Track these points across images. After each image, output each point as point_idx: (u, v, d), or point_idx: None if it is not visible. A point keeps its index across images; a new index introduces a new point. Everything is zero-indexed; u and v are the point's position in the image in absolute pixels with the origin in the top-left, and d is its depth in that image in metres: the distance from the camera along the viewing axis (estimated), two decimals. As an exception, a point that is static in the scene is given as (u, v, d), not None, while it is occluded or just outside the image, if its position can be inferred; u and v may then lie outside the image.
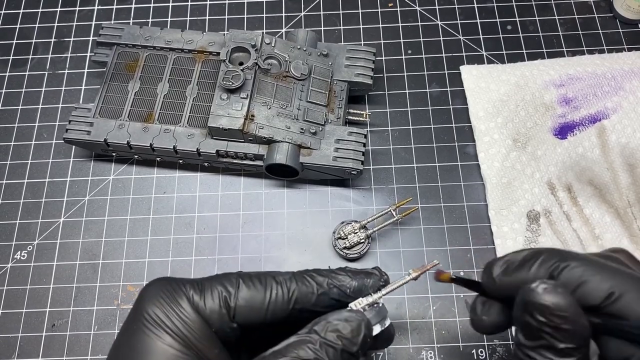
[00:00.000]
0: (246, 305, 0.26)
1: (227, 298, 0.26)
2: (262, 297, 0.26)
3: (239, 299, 0.26)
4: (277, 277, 0.27)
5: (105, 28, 0.46)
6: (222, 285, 0.27)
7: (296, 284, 0.27)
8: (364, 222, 0.41)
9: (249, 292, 0.26)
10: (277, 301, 0.27)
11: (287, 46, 0.44)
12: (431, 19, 0.51)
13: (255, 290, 0.27)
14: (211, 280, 0.27)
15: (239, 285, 0.27)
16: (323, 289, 0.27)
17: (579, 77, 0.44)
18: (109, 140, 0.42)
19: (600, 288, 0.23)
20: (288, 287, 0.27)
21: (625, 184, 0.40)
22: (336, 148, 0.41)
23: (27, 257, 0.43)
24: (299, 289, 0.27)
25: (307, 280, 0.27)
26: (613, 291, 0.22)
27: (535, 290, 0.22)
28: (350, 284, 0.28)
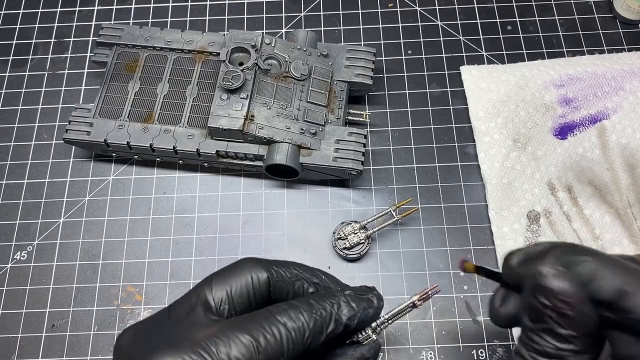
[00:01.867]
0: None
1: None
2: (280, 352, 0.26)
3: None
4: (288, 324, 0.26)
5: (105, 28, 0.46)
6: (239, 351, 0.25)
7: (308, 327, 0.27)
8: (364, 222, 0.41)
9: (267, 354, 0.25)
10: (294, 351, 0.26)
11: (287, 46, 0.44)
12: (431, 19, 0.51)
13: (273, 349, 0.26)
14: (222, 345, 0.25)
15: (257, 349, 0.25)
16: (331, 327, 0.27)
17: (579, 77, 0.44)
18: (108, 141, 0.42)
19: (612, 283, 0.23)
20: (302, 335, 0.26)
21: (626, 184, 0.40)
22: (336, 148, 0.41)
23: (27, 258, 0.43)
24: (312, 332, 0.27)
25: (318, 318, 0.27)
26: (625, 287, 0.23)
27: (544, 274, 0.23)
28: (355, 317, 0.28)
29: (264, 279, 0.28)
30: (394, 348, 0.39)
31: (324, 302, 0.28)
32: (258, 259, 0.29)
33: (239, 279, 0.28)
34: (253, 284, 0.28)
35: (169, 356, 0.24)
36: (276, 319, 0.26)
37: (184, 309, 0.28)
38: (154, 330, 0.27)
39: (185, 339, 0.25)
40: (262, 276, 0.28)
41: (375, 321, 0.30)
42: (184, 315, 0.27)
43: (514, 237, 0.42)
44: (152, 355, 0.24)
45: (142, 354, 0.25)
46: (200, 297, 0.28)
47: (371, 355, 0.29)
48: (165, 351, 0.25)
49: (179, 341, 0.25)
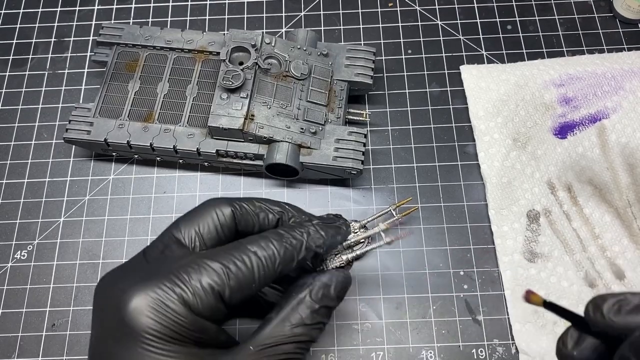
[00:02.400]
0: (238, 290, 0.26)
1: (220, 292, 0.26)
2: (251, 278, 0.27)
3: (231, 289, 0.26)
4: (258, 252, 0.27)
5: (105, 28, 0.46)
6: (210, 277, 0.26)
7: (279, 254, 0.27)
8: (364, 221, 0.41)
9: (238, 280, 0.26)
10: (265, 277, 0.27)
11: (287, 46, 0.44)
12: (431, 18, 0.51)
13: (244, 274, 0.27)
14: (194, 272, 0.26)
15: (228, 275, 0.26)
16: (302, 254, 0.28)
17: (579, 76, 0.44)
18: (109, 140, 0.42)
19: None
20: (273, 262, 0.27)
21: (625, 183, 0.40)
22: (336, 148, 0.41)
23: (27, 257, 0.43)
24: (283, 260, 0.28)
25: (288, 246, 0.28)
26: None
27: None
28: (324, 244, 0.29)
29: (228, 213, 0.30)
30: (394, 347, 0.39)
31: (293, 231, 0.29)
32: (221, 197, 0.31)
33: (205, 217, 0.30)
34: (219, 219, 0.30)
35: (143, 287, 0.25)
36: (246, 247, 0.27)
37: (158, 249, 0.29)
38: (131, 271, 0.28)
39: (158, 271, 0.26)
40: (226, 211, 0.30)
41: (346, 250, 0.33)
42: (159, 254, 0.28)
43: (514, 236, 0.42)
44: (129, 289, 0.25)
45: (119, 290, 0.26)
46: (171, 238, 0.29)
47: (334, 283, 0.29)
48: (141, 284, 0.26)
49: (152, 274, 0.26)
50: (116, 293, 0.26)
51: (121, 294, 0.25)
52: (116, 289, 0.26)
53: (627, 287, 0.40)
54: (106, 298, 0.27)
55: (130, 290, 0.25)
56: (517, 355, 0.39)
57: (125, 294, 0.25)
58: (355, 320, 0.40)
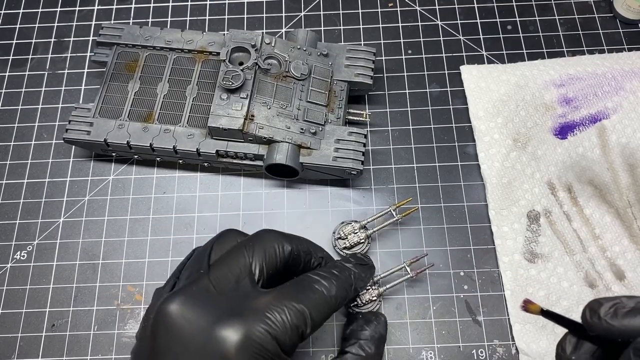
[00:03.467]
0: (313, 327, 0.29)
1: (303, 332, 0.29)
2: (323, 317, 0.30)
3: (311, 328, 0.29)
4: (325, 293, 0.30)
5: (105, 28, 0.46)
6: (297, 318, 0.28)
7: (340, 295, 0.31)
8: (364, 222, 0.41)
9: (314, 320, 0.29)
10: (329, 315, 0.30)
11: (287, 46, 0.44)
12: (431, 19, 0.51)
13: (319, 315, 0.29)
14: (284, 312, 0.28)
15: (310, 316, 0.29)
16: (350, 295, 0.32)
17: (579, 77, 0.44)
18: (108, 140, 0.42)
19: None
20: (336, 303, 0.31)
21: (626, 184, 0.40)
22: (336, 148, 0.41)
23: (27, 257, 0.43)
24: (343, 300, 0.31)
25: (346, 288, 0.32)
26: None
27: None
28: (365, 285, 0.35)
29: (288, 250, 0.32)
30: (393, 348, 0.39)
31: (344, 273, 0.32)
32: (278, 231, 0.33)
33: (271, 251, 0.31)
34: (280, 256, 0.31)
35: (241, 325, 0.27)
36: (316, 287, 0.30)
37: (228, 280, 0.30)
38: (207, 301, 0.28)
39: (247, 309, 0.28)
40: (287, 248, 0.32)
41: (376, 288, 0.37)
42: (233, 288, 0.29)
43: (514, 236, 0.42)
44: (221, 325, 0.26)
45: (206, 324, 0.27)
46: (243, 268, 0.30)
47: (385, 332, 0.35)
48: (233, 320, 0.27)
49: (242, 310, 0.27)
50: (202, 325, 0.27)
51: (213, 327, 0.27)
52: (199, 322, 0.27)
53: (627, 287, 0.39)
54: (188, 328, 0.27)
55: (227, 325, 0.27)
56: (517, 355, 0.39)
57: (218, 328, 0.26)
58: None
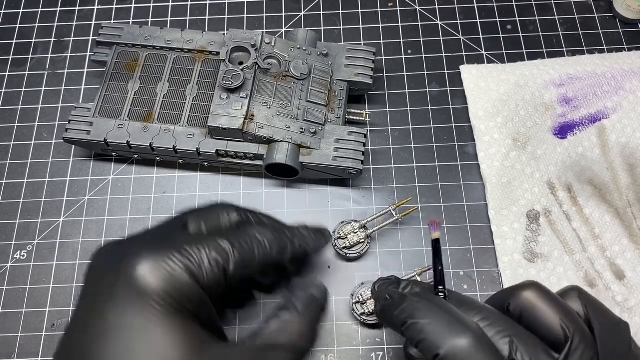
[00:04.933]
0: (241, 267, 0.28)
1: (225, 266, 0.27)
2: (253, 257, 0.28)
3: (235, 265, 0.27)
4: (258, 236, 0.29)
5: (105, 28, 0.46)
6: (217, 251, 0.27)
7: (276, 241, 0.30)
8: (363, 221, 0.41)
9: (242, 257, 0.28)
10: (264, 259, 0.29)
11: (287, 46, 0.44)
12: (431, 18, 0.51)
13: (247, 253, 0.28)
14: (203, 247, 0.27)
15: (233, 251, 0.27)
16: (295, 249, 0.31)
17: (579, 76, 0.44)
18: (108, 140, 0.42)
19: (431, 347, 0.25)
20: (271, 247, 0.30)
21: (625, 183, 0.40)
22: (336, 148, 0.41)
23: (26, 257, 0.43)
24: (279, 247, 0.30)
25: (284, 238, 0.31)
26: (438, 353, 0.24)
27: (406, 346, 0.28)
28: (313, 246, 0.33)
29: (235, 218, 0.31)
30: (393, 348, 0.39)
31: (284, 226, 0.32)
32: (229, 202, 0.33)
33: (212, 216, 0.31)
34: (224, 222, 0.31)
35: (154, 254, 0.25)
36: (247, 230, 0.30)
37: (158, 230, 0.30)
38: (137, 242, 0.28)
39: (167, 243, 0.27)
40: (233, 216, 0.31)
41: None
42: (160, 233, 0.29)
43: (514, 236, 0.42)
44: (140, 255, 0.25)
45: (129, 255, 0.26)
46: (176, 222, 0.30)
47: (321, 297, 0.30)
48: (152, 251, 0.26)
49: (161, 244, 0.26)
50: (124, 257, 0.26)
51: (131, 259, 0.25)
52: (123, 254, 0.26)
53: (627, 287, 0.40)
54: (111, 261, 0.26)
55: (141, 256, 0.25)
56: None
57: (135, 259, 0.25)
58: (355, 321, 0.40)
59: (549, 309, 0.26)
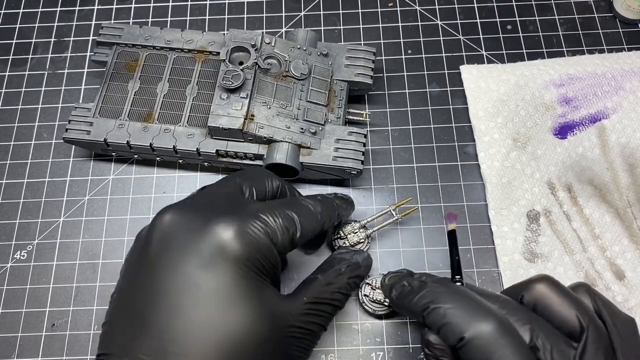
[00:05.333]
0: (303, 235, 0.31)
1: (293, 234, 0.31)
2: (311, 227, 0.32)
3: (301, 233, 0.31)
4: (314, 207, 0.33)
5: (105, 28, 0.46)
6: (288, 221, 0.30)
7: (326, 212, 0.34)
8: (363, 221, 0.41)
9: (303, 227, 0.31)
10: (315, 229, 0.33)
11: (287, 46, 0.44)
12: (431, 18, 0.51)
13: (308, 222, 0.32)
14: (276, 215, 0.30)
15: (300, 221, 0.31)
16: (335, 218, 0.35)
17: (579, 76, 0.44)
18: (108, 140, 0.42)
19: (455, 331, 0.26)
20: (322, 218, 0.33)
21: (625, 183, 0.40)
22: (336, 148, 0.41)
23: (26, 257, 0.43)
24: (328, 217, 0.34)
25: (330, 207, 0.35)
26: (463, 336, 0.25)
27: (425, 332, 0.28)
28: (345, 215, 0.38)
29: (277, 184, 0.35)
30: (393, 348, 0.39)
31: (326, 198, 0.35)
32: (270, 171, 0.36)
33: (261, 181, 0.34)
34: (270, 187, 0.34)
35: (234, 220, 0.28)
36: (303, 202, 0.33)
37: (220, 195, 0.32)
38: (200, 208, 0.30)
39: (244, 210, 0.30)
40: (276, 183, 0.35)
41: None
42: (224, 199, 0.31)
43: (514, 236, 0.42)
44: (217, 221, 0.28)
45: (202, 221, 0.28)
46: (235, 187, 0.33)
47: (364, 265, 0.35)
48: (228, 217, 0.28)
49: (239, 211, 0.29)
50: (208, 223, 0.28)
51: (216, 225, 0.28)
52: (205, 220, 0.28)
53: (627, 287, 0.39)
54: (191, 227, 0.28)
55: (227, 222, 0.28)
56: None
57: (221, 225, 0.28)
58: (355, 321, 0.40)
59: (563, 301, 0.26)
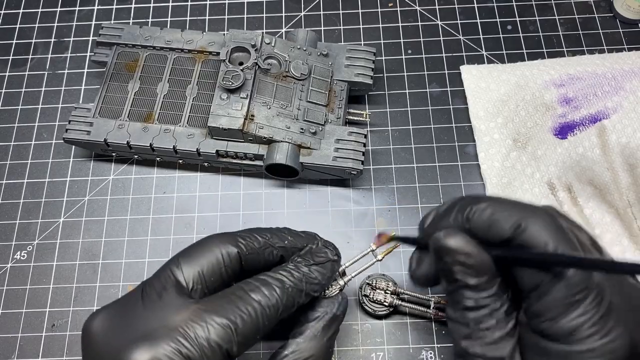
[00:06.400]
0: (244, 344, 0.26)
1: (229, 350, 0.26)
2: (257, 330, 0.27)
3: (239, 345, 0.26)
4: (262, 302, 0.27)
5: (105, 28, 0.46)
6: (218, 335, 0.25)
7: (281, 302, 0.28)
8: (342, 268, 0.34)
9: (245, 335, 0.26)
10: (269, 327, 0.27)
11: (287, 46, 0.44)
12: (431, 18, 0.51)
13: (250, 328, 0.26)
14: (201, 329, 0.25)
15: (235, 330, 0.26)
16: (302, 300, 0.29)
17: (579, 76, 0.44)
18: (108, 140, 0.42)
19: (508, 222, 0.25)
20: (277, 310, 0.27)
21: (626, 184, 0.40)
22: (336, 148, 0.41)
23: (27, 257, 0.43)
24: (285, 307, 0.28)
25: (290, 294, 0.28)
26: (520, 223, 0.24)
27: (437, 237, 0.26)
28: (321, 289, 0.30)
29: (234, 254, 0.29)
30: (394, 348, 0.39)
31: (293, 277, 0.29)
32: (224, 234, 0.30)
33: (209, 258, 0.28)
34: (224, 261, 0.28)
35: (147, 347, 0.24)
36: (251, 297, 0.27)
37: (155, 290, 0.27)
38: (127, 316, 0.27)
39: (160, 326, 0.25)
40: (232, 252, 0.29)
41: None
42: (156, 298, 0.27)
43: (514, 236, 0.42)
44: (129, 349, 0.24)
45: (118, 346, 0.25)
46: (170, 277, 0.28)
47: (341, 311, 0.31)
48: (142, 343, 0.24)
49: (154, 329, 0.25)
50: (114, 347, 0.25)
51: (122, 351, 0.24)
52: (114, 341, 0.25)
53: (627, 287, 0.39)
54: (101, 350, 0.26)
55: (132, 348, 0.24)
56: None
57: (126, 352, 0.24)
58: (355, 321, 0.40)
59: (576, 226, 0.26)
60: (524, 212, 0.25)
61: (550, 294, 0.23)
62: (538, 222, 0.24)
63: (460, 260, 0.25)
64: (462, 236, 0.25)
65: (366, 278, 0.40)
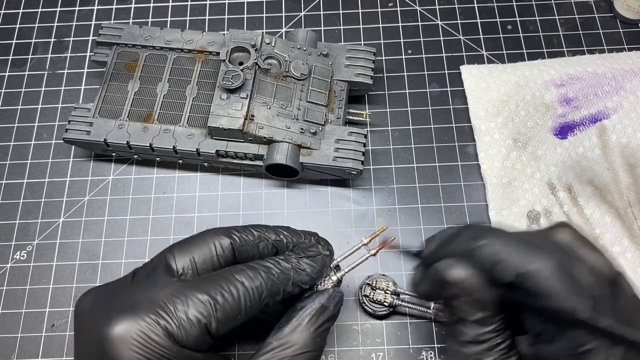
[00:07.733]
0: (224, 322, 0.26)
1: (207, 325, 0.26)
2: (238, 310, 0.27)
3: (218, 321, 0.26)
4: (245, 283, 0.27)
5: (105, 28, 0.46)
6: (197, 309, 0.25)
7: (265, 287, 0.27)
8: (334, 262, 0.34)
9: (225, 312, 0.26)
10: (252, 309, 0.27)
11: (287, 46, 0.44)
12: (431, 18, 0.51)
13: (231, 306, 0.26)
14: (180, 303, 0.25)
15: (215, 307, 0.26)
16: (289, 289, 0.29)
17: (580, 76, 0.44)
18: (108, 140, 0.42)
19: (511, 267, 0.24)
20: (260, 294, 0.27)
21: (626, 184, 0.40)
22: (336, 148, 0.41)
23: (26, 257, 0.43)
24: (269, 292, 0.28)
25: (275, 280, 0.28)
26: (523, 270, 0.23)
27: (439, 267, 0.25)
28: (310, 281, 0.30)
29: (227, 245, 0.30)
30: (394, 348, 0.39)
31: (281, 265, 0.29)
32: (220, 227, 0.31)
33: (202, 247, 0.29)
34: (217, 251, 0.29)
35: (128, 318, 0.25)
36: (235, 278, 0.27)
37: (146, 272, 0.28)
38: (115, 294, 0.27)
39: (144, 299, 0.26)
40: (225, 243, 0.30)
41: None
42: (144, 278, 0.28)
43: (514, 236, 0.42)
44: (111, 318, 0.25)
45: (101, 317, 0.25)
46: (162, 262, 0.28)
47: (332, 304, 0.30)
48: (123, 314, 0.25)
49: (137, 303, 0.26)
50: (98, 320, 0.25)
51: (104, 322, 0.25)
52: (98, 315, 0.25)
53: (627, 287, 0.39)
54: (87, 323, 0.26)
55: (114, 319, 0.25)
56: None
57: (108, 323, 0.25)
58: (355, 321, 0.40)
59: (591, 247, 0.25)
60: (530, 255, 0.24)
61: (553, 344, 0.23)
62: (543, 271, 0.23)
63: (462, 294, 0.24)
64: (465, 268, 0.24)
65: (366, 278, 0.40)
